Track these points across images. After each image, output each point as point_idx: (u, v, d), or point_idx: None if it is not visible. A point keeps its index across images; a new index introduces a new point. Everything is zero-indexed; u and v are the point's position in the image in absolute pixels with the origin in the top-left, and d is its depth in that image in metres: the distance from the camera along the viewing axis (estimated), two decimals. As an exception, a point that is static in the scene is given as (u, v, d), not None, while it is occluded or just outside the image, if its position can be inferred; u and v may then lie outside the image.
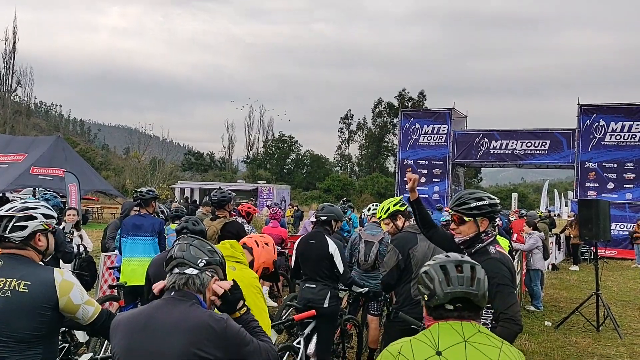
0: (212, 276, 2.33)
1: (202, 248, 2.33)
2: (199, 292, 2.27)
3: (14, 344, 2.62)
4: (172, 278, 2.26)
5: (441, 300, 2.02)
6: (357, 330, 5.96)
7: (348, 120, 74.26)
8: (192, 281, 2.25)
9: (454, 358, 1.92)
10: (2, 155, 31.07)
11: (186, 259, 2.27)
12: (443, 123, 28.21)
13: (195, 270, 2.26)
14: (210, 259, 2.32)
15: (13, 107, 69.08)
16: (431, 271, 2.06)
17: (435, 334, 2.00)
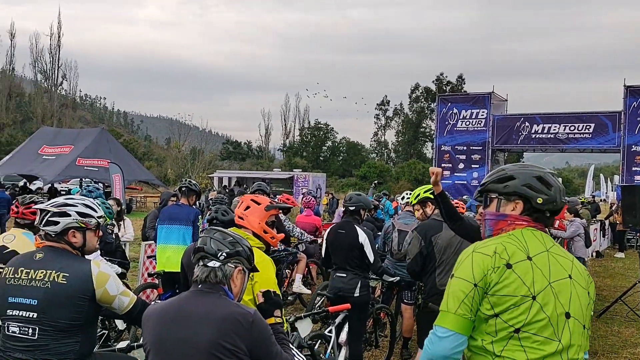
0: (235, 267, 2.37)
1: (223, 240, 2.37)
2: (222, 284, 2.32)
3: (54, 332, 2.75)
4: (197, 271, 2.32)
5: (557, 206, 2.16)
6: (390, 319, 5.96)
7: (384, 106, 73.61)
8: (214, 273, 2.30)
9: (540, 264, 2.04)
10: (50, 148, 32.21)
11: (207, 251, 2.32)
12: (482, 107, 27.64)
13: (217, 262, 2.31)
14: (231, 251, 2.36)
15: (60, 100, 71.36)
16: (548, 177, 2.17)
17: (521, 238, 2.10)
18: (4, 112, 66.71)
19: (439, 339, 2.01)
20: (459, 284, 2.04)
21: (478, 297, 2.00)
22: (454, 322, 2.00)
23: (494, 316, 1.99)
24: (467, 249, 2.14)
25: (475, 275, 2.01)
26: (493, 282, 1.99)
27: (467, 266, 2.05)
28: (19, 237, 4.04)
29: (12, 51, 69.56)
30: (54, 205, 2.98)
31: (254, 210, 3.30)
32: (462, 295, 2.00)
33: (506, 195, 2.19)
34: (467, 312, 2.00)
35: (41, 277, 2.79)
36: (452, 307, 2.01)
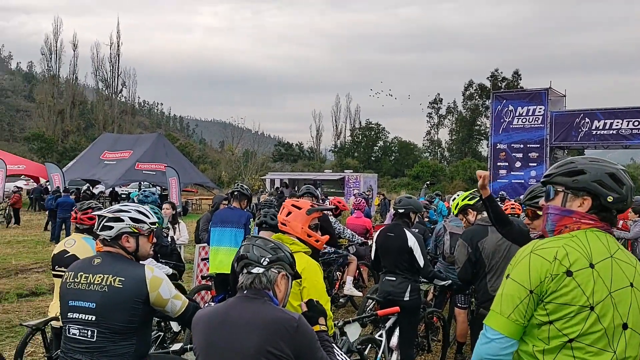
0: (278, 272, 2.40)
1: (264, 247, 2.40)
2: (267, 289, 2.35)
3: (111, 334, 2.86)
4: (241, 278, 2.36)
5: (626, 206, 2.04)
6: (443, 323, 5.86)
7: (437, 104, 72.45)
8: (258, 280, 2.33)
9: (603, 273, 1.93)
10: (110, 153, 33.58)
11: (250, 258, 2.36)
12: (539, 104, 26.75)
13: (260, 268, 2.35)
14: (273, 257, 2.38)
15: (119, 107, 74.24)
16: (621, 174, 2.05)
17: (585, 241, 1.98)
18: (69, 119, 70.01)
19: (489, 340, 1.96)
20: (514, 287, 1.95)
21: (533, 304, 1.92)
22: (505, 326, 1.94)
23: (548, 323, 1.91)
24: (526, 247, 2.03)
25: (532, 280, 1.92)
26: (550, 290, 1.90)
27: (523, 268, 1.95)
28: (79, 242, 4.22)
29: (75, 61, 72.93)
30: (109, 211, 3.10)
31: (295, 216, 3.32)
32: (517, 301, 1.93)
33: (574, 190, 2.05)
34: (520, 318, 1.93)
35: (99, 282, 2.90)
36: (505, 310, 1.94)
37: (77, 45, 72.61)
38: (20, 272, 11.27)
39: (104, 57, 73.61)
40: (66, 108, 70.18)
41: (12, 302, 8.70)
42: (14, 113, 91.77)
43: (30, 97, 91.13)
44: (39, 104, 71.34)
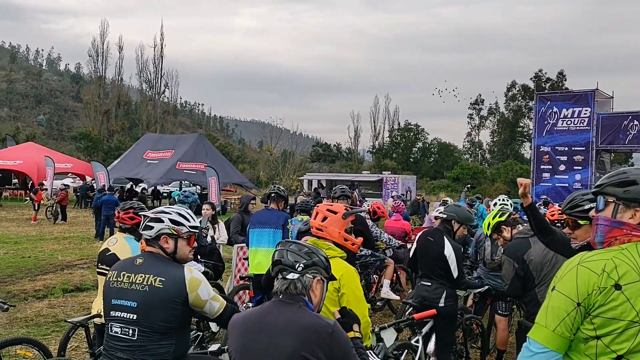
0: (313, 277, 2.39)
1: (299, 252, 2.40)
2: (302, 295, 2.35)
3: (151, 333, 2.91)
4: (277, 283, 2.37)
5: None
6: (481, 330, 5.74)
7: (478, 105, 71.24)
8: (293, 285, 2.34)
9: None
10: (153, 152, 34.36)
11: (285, 264, 2.36)
12: (585, 105, 25.95)
13: (295, 274, 2.35)
14: (308, 262, 2.38)
15: (162, 107, 75.97)
16: None
17: (636, 254, 1.90)
18: (114, 119, 72.11)
19: (533, 353, 1.91)
20: (560, 300, 1.90)
21: (580, 317, 1.87)
22: (550, 339, 1.89)
23: (595, 338, 1.85)
24: (573, 259, 1.98)
25: (580, 293, 1.86)
26: (598, 303, 1.84)
27: (570, 281, 1.90)
28: (120, 241, 4.32)
29: (120, 63, 75.12)
30: (153, 212, 3.17)
31: (332, 220, 3.30)
32: (564, 314, 1.88)
33: (625, 201, 1.98)
34: (566, 331, 1.88)
35: (140, 281, 2.96)
36: (551, 324, 1.89)
37: (122, 47, 74.88)
38: (66, 268, 11.65)
39: (148, 58, 75.47)
40: (111, 108, 72.31)
41: (57, 297, 9.00)
42: (63, 113, 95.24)
43: (77, 97, 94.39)
44: (86, 104, 73.78)
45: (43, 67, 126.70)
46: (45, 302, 8.62)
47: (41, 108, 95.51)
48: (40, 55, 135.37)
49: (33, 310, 8.01)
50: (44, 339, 6.46)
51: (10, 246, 14.50)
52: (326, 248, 3.28)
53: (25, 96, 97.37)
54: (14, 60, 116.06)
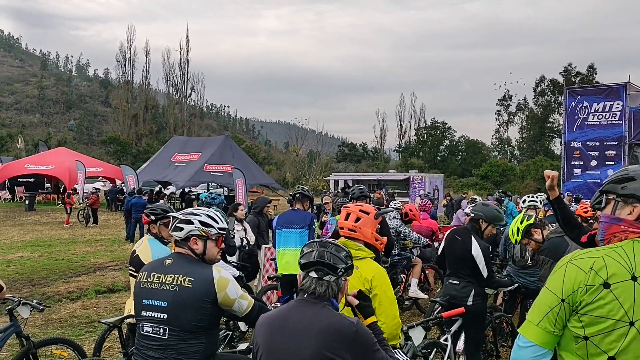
0: (345, 280, 2.40)
1: (339, 254, 2.39)
2: (335, 298, 2.36)
3: (182, 332, 2.96)
4: (310, 282, 2.35)
5: None
6: (512, 328, 5.66)
7: (506, 101, 70.14)
8: (331, 288, 2.34)
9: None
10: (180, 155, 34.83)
11: (326, 265, 2.34)
12: (616, 99, 25.34)
13: (333, 276, 2.35)
14: (347, 266, 2.39)
15: (189, 110, 76.96)
16: None
17: (630, 252, 1.88)
18: (142, 123, 73.33)
19: (519, 347, 1.93)
20: (546, 295, 1.93)
21: (564, 314, 1.88)
22: (535, 334, 1.90)
23: (584, 338, 1.85)
24: (565, 257, 1.99)
25: (565, 289, 1.87)
26: (585, 302, 1.84)
27: (558, 278, 1.91)
28: (144, 243, 4.40)
29: (147, 67, 76.38)
30: (182, 213, 3.22)
31: (366, 221, 3.31)
32: (547, 309, 1.90)
33: (624, 197, 1.99)
34: (549, 326, 1.89)
35: (170, 281, 3.01)
36: (535, 318, 1.91)
37: (149, 52, 76.07)
38: (98, 270, 11.90)
39: (174, 62, 76.81)
40: (139, 112, 73.54)
41: (90, 298, 9.20)
42: (92, 118, 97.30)
43: (106, 102, 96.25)
44: (115, 109, 75.19)
45: (73, 73, 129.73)
46: (79, 303, 8.81)
47: (71, 113, 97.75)
48: (69, 62, 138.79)
49: (67, 312, 8.20)
50: (78, 339, 6.61)
51: (44, 249, 14.88)
52: (356, 249, 3.29)
53: (55, 102, 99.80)
54: (45, 67, 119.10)
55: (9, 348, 5.50)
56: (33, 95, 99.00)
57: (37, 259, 13.16)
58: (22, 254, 13.70)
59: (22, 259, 12.99)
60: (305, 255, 2.40)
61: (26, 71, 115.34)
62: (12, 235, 17.87)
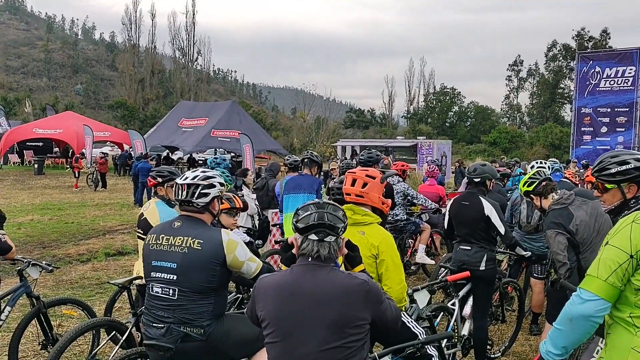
0: (343, 239, 2.42)
1: (337, 214, 2.37)
2: (336, 257, 2.36)
3: (191, 293, 2.99)
4: (312, 245, 2.31)
5: None
6: (518, 293, 5.69)
7: (517, 66, 69.11)
8: (333, 249, 2.33)
9: None
10: (188, 120, 34.76)
11: (327, 227, 2.32)
12: (629, 64, 24.86)
13: (334, 237, 2.33)
14: (345, 225, 2.38)
15: (195, 75, 76.45)
16: None
17: None
18: (149, 87, 73.08)
19: (583, 301, 2.04)
20: (613, 252, 2.03)
21: (632, 269, 2.00)
22: (601, 289, 2.02)
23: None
24: (627, 217, 2.11)
25: (633, 245, 2.00)
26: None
27: (624, 236, 2.03)
28: (151, 206, 4.42)
29: (153, 30, 75.66)
30: (199, 179, 3.21)
31: (373, 186, 3.31)
32: (615, 265, 2.01)
33: None
34: (617, 282, 2.01)
35: (179, 243, 3.04)
36: (603, 274, 2.02)
37: (154, 15, 75.28)
38: (107, 233, 12.04)
39: (180, 25, 75.72)
40: (146, 77, 73.19)
41: (100, 260, 9.33)
42: (99, 82, 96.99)
43: (112, 66, 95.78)
44: (121, 73, 74.89)
45: (79, 36, 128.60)
46: (89, 265, 8.95)
47: (78, 77, 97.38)
48: (75, 25, 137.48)
49: (77, 273, 8.33)
50: (89, 300, 6.72)
51: (54, 212, 15.04)
52: (363, 214, 3.29)
53: (62, 66, 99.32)
54: (51, 30, 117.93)
55: (21, 308, 5.62)
56: (39, 59, 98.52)
57: (47, 222, 13.32)
58: (32, 217, 13.86)
59: (32, 222, 13.16)
60: (302, 219, 2.35)
61: (32, 34, 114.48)
62: (22, 198, 18.05)
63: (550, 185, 4.73)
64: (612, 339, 2.06)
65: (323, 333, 2.18)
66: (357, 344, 2.20)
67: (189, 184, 3.18)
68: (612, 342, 2.06)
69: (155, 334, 3.01)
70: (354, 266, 2.55)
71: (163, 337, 2.98)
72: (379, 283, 3.24)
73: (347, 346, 2.18)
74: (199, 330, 2.99)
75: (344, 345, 2.18)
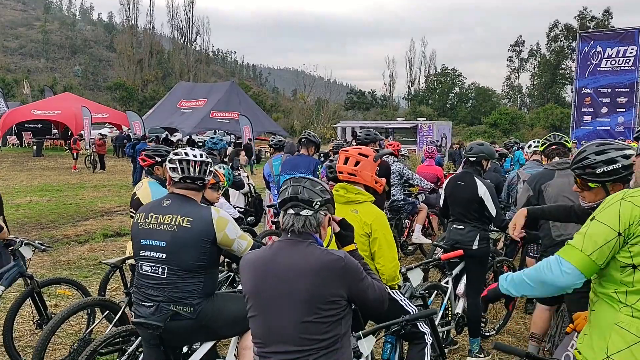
0: (325, 214, 2.38)
1: (314, 188, 2.35)
2: (316, 232, 2.34)
3: (181, 272, 2.98)
4: (289, 219, 2.32)
5: None
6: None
7: (518, 47, 68.64)
8: (309, 222, 2.31)
9: None
10: (186, 102, 34.61)
11: (301, 200, 2.31)
12: (631, 44, 24.63)
13: (310, 211, 2.31)
14: (323, 199, 2.35)
15: (194, 55, 75.93)
16: None
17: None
18: (147, 68, 72.65)
19: (562, 272, 2.00)
20: (600, 228, 1.98)
21: (618, 246, 1.96)
22: (582, 262, 1.97)
23: (632, 267, 1.94)
24: (615, 194, 2.06)
25: (622, 223, 1.95)
26: (637, 233, 1.93)
27: (613, 212, 1.98)
28: (144, 186, 4.41)
29: (151, 10, 75.26)
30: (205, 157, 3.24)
31: (365, 164, 3.30)
32: (602, 241, 1.96)
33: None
34: (600, 259, 1.96)
35: (169, 222, 3.01)
36: (588, 248, 1.96)
37: (153, -5, 74.26)
38: (105, 214, 12.05)
39: (179, 5, 75.30)
40: (144, 57, 72.73)
41: (98, 241, 9.34)
42: (97, 63, 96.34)
43: (111, 47, 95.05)
44: (120, 54, 74.36)
45: (76, 16, 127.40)
46: (87, 246, 8.96)
47: (76, 58, 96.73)
48: (73, 5, 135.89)
49: (75, 254, 8.35)
50: (86, 280, 6.75)
51: (53, 194, 15.04)
52: (356, 192, 3.28)
53: (60, 47, 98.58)
54: (48, 10, 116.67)
55: (18, 288, 5.63)
56: (37, 40, 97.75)
57: (45, 203, 13.33)
58: (31, 199, 13.87)
59: (30, 203, 13.17)
60: (281, 194, 2.38)
61: (29, 15, 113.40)
62: (21, 180, 18.05)
63: (558, 150, 4.79)
64: (595, 316, 2.04)
65: (298, 307, 2.19)
66: (332, 319, 2.20)
67: (202, 161, 3.19)
68: (596, 318, 2.03)
69: (144, 312, 3.00)
70: (344, 245, 2.53)
71: (152, 315, 2.97)
72: (372, 261, 3.24)
73: (321, 321, 2.18)
74: (188, 308, 2.98)
75: (318, 320, 2.18)
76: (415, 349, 3.26)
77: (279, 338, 2.22)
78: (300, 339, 2.18)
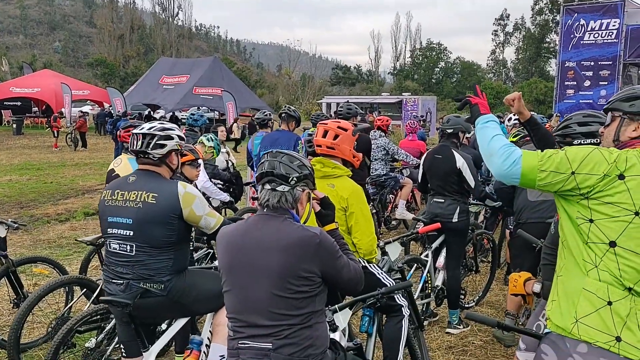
0: (303, 190, 2.34)
1: (291, 164, 2.31)
2: (292, 208, 2.30)
3: (149, 248, 2.94)
4: (265, 194, 2.29)
5: None
6: (492, 245, 5.75)
7: (503, 21, 68.45)
8: (284, 198, 2.27)
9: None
10: (169, 77, 34.11)
11: (277, 176, 2.27)
12: (614, 17, 24.56)
13: (287, 187, 2.28)
14: (300, 174, 2.30)
15: (177, 31, 74.63)
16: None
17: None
18: (129, 44, 71.35)
19: (512, 163, 2.01)
20: (562, 158, 1.96)
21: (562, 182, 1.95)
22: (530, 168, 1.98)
23: (589, 221, 1.94)
24: None
25: (582, 165, 1.93)
26: (598, 189, 1.92)
27: (582, 153, 1.95)
28: (124, 162, 4.33)
29: (132, -16, 73.13)
30: (155, 129, 3.09)
31: (344, 138, 3.26)
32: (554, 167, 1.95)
33: (630, 115, 2.12)
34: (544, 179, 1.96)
35: (134, 198, 2.95)
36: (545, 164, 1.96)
37: (133, -32, 72.56)
38: (86, 192, 11.92)
39: (160, -21, 73.27)
40: (125, 33, 71.36)
41: (79, 220, 9.25)
42: (77, 39, 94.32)
43: (91, 22, 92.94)
44: (100, 29, 72.88)
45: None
46: (67, 225, 8.87)
47: (56, 35, 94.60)
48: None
49: (55, 233, 8.26)
50: (66, 259, 6.69)
51: (33, 172, 14.83)
52: (332, 167, 3.24)
53: (39, 22, 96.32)
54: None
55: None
56: (15, 16, 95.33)
57: (25, 182, 13.14)
58: (10, 177, 13.66)
59: (10, 182, 12.97)
60: (258, 168, 2.34)
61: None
62: (1, 159, 17.75)
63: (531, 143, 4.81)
64: (562, 281, 2.03)
65: (270, 281, 2.16)
66: (304, 295, 2.17)
67: (145, 133, 3.05)
68: (563, 284, 2.03)
69: (114, 289, 2.97)
70: (324, 224, 2.51)
71: (122, 293, 2.94)
72: (349, 236, 3.22)
73: (294, 297, 2.16)
74: (158, 285, 2.95)
75: (290, 296, 2.15)
76: (392, 321, 3.28)
77: (252, 312, 2.20)
78: (273, 313, 2.16)
